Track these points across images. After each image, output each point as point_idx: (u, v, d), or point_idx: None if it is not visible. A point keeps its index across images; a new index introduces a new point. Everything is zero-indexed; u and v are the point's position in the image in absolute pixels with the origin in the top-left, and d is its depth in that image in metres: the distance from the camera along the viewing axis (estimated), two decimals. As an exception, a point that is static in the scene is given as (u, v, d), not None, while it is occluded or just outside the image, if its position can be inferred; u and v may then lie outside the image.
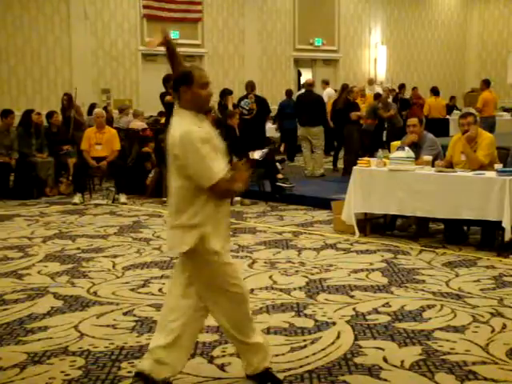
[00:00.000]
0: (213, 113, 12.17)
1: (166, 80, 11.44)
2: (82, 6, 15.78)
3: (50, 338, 4.62)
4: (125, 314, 5.12)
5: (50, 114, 12.25)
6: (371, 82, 18.37)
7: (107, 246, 7.48)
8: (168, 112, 11.52)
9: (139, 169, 11.15)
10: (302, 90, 14.74)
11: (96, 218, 9.19)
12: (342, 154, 13.73)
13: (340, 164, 13.50)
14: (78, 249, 7.33)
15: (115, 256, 6.98)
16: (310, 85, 13.14)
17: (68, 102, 12.90)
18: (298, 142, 13.76)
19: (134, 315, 5.07)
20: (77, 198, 10.39)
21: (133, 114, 13.58)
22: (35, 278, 6.17)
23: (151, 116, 14.44)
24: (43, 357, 4.28)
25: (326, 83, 16.25)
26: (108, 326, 4.85)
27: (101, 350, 4.37)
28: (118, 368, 4.09)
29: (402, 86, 18.29)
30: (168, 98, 11.16)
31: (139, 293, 5.66)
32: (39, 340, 4.58)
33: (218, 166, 3.49)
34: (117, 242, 7.65)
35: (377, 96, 14.92)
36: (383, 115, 14.09)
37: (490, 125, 14.33)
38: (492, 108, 15.34)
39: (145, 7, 16.71)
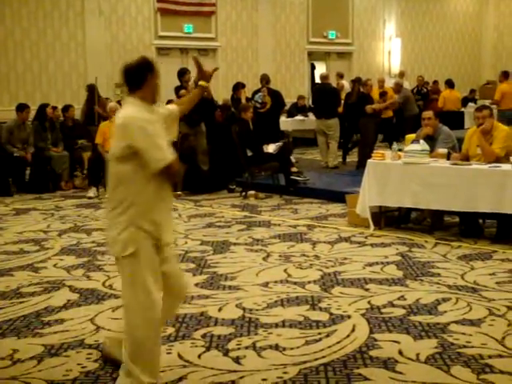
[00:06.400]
0: (227, 103, 12.15)
1: (181, 74, 11.48)
2: (96, 1, 15.80)
3: (67, 330, 4.66)
4: (140, 306, 5.13)
5: (65, 108, 12.31)
6: (402, 75, 18.17)
7: (122, 239, 7.50)
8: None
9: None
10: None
11: (111, 212, 9.21)
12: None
13: (350, 158, 13.47)
14: (93, 242, 7.37)
15: (130, 249, 6.99)
16: (324, 77, 13.16)
17: (90, 94, 12.88)
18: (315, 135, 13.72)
19: (150, 308, 5.08)
20: (91, 192, 10.44)
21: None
22: (51, 272, 6.21)
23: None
24: (60, 349, 4.31)
25: (340, 76, 16.20)
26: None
27: (117, 343, 4.39)
28: (134, 360, 4.11)
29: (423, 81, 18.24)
30: (182, 92, 11.18)
31: (154, 286, 5.68)
32: (56, 333, 4.61)
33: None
34: (132, 236, 7.66)
35: (382, 94, 14.73)
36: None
37: (508, 118, 14.17)
38: (511, 100, 15.12)
39: (158, 1, 16.69)
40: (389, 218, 7.94)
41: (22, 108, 11.26)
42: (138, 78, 3.61)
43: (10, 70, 14.99)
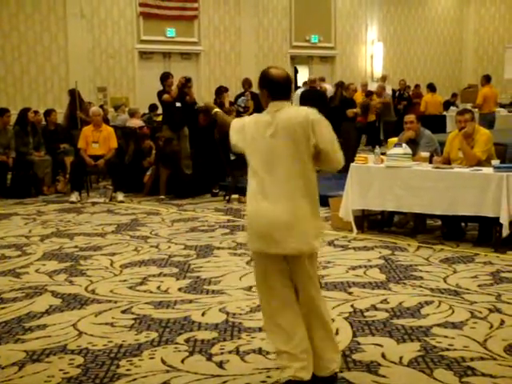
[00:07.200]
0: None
1: (164, 78, 11.43)
2: (78, 5, 15.74)
3: (49, 336, 4.62)
4: (123, 311, 5.12)
5: (47, 112, 12.23)
6: (384, 79, 18.26)
7: (105, 244, 7.48)
8: (165, 110, 11.52)
9: (136, 167, 11.14)
10: (302, 88, 14.78)
11: (93, 217, 9.18)
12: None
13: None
14: (76, 247, 7.33)
15: (113, 254, 6.98)
16: (312, 81, 13.26)
17: (72, 98, 12.82)
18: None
19: (132, 313, 5.07)
20: (74, 197, 10.37)
21: (129, 114, 13.55)
22: (33, 277, 6.16)
23: (144, 114, 14.36)
24: (42, 355, 4.28)
25: (321, 80, 16.27)
26: (106, 324, 4.85)
27: (99, 348, 4.37)
28: (117, 366, 4.09)
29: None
30: (165, 96, 11.14)
31: (137, 291, 5.66)
32: (38, 338, 4.58)
33: None
34: (114, 240, 7.65)
35: (368, 94, 14.92)
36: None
37: (489, 121, 14.32)
38: (492, 104, 15.30)
39: (141, 5, 16.67)
40: (372, 222, 7.97)
41: (2, 112, 11.18)
42: (290, 88, 3.76)
43: (-10, 74, 14.91)
